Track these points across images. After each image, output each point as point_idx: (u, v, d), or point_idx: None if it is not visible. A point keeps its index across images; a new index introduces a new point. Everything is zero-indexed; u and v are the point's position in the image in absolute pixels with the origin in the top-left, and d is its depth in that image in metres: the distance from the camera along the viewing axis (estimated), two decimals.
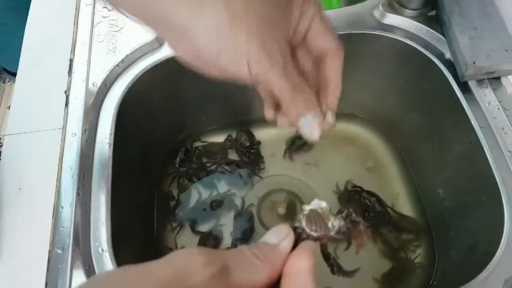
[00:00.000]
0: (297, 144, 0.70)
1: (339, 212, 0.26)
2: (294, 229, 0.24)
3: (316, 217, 0.25)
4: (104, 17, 0.56)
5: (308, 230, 0.24)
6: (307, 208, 0.25)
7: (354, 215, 0.26)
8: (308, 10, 0.28)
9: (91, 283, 0.20)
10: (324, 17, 0.28)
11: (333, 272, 0.27)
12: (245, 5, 0.25)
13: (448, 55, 0.53)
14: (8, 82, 1.47)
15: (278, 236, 0.23)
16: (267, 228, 0.63)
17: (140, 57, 0.54)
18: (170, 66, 0.54)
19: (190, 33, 0.26)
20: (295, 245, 0.23)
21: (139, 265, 0.19)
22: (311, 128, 0.27)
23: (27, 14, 0.60)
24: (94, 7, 0.57)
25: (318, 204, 0.26)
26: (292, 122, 0.27)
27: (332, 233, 0.25)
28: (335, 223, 0.25)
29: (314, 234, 0.24)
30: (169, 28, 0.27)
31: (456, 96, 0.50)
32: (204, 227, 0.65)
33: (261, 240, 0.24)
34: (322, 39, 0.28)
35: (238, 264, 0.20)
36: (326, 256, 0.27)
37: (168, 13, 0.26)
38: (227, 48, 0.26)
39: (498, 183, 0.45)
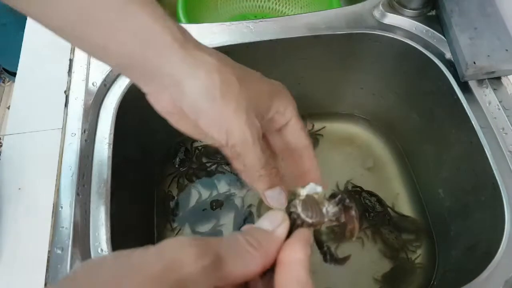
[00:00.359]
0: None
1: (332, 196, 0.26)
2: (289, 214, 0.24)
3: (312, 203, 0.25)
4: None
5: (303, 216, 0.24)
6: (303, 193, 0.25)
7: (347, 200, 0.26)
8: (287, 110, 0.31)
9: (84, 271, 0.19)
10: (299, 118, 0.32)
11: (325, 260, 0.27)
12: (238, 79, 0.28)
13: (448, 55, 0.53)
14: (8, 82, 1.47)
15: (273, 222, 0.23)
16: None
17: None
18: None
19: (181, 88, 0.27)
20: (289, 230, 0.23)
21: (132, 253, 0.19)
22: (278, 199, 0.28)
23: None
24: None
25: (313, 188, 0.26)
26: (260, 192, 0.29)
27: (326, 219, 0.25)
28: (329, 209, 0.25)
29: (309, 221, 0.24)
30: (153, 77, 0.28)
31: (457, 96, 0.50)
32: (204, 227, 0.64)
33: (255, 225, 0.23)
34: (296, 136, 0.32)
35: (231, 254, 0.20)
36: (319, 243, 0.27)
37: (160, 63, 0.27)
38: (213, 112, 0.27)
39: (499, 183, 0.45)
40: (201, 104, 0.27)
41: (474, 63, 0.48)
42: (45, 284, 0.39)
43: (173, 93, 0.28)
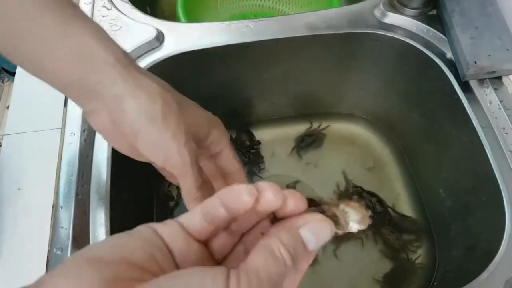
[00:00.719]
0: (306, 142, 0.70)
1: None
2: (322, 211, 0.24)
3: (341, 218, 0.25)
4: (103, 16, 0.56)
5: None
6: (353, 225, 0.25)
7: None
8: (222, 140, 0.34)
9: None
10: (232, 148, 0.35)
11: None
12: (178, 104, 0.29)
13: (449, 54, 0.53)
14: (7, 81, 1.46)
15: (319, 240, 0.21)
16: None
17: (140, 56, 0.54)
18: (169, 65, 0.54)
19: (121, 107, 0.27)
20: None
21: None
22: None
23: None
24: (93, 6, 0.57)
25: (357, 226, 0.26)
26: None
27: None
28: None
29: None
30: (94, 96, 0.28)
31: (457, 95, 0.50)
32: None
33: (303, 232, 0.20)
34: (230, 163, 0.35)
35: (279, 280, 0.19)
36: None
37: (102, 82, 0.27)
38: (152, 133, 0.27)
39: (499, 183, 0.45)
40: (141, 124, 0.27)
41: (475, 62, 0.48)
42: None
43: (112, 113, 0.28)
